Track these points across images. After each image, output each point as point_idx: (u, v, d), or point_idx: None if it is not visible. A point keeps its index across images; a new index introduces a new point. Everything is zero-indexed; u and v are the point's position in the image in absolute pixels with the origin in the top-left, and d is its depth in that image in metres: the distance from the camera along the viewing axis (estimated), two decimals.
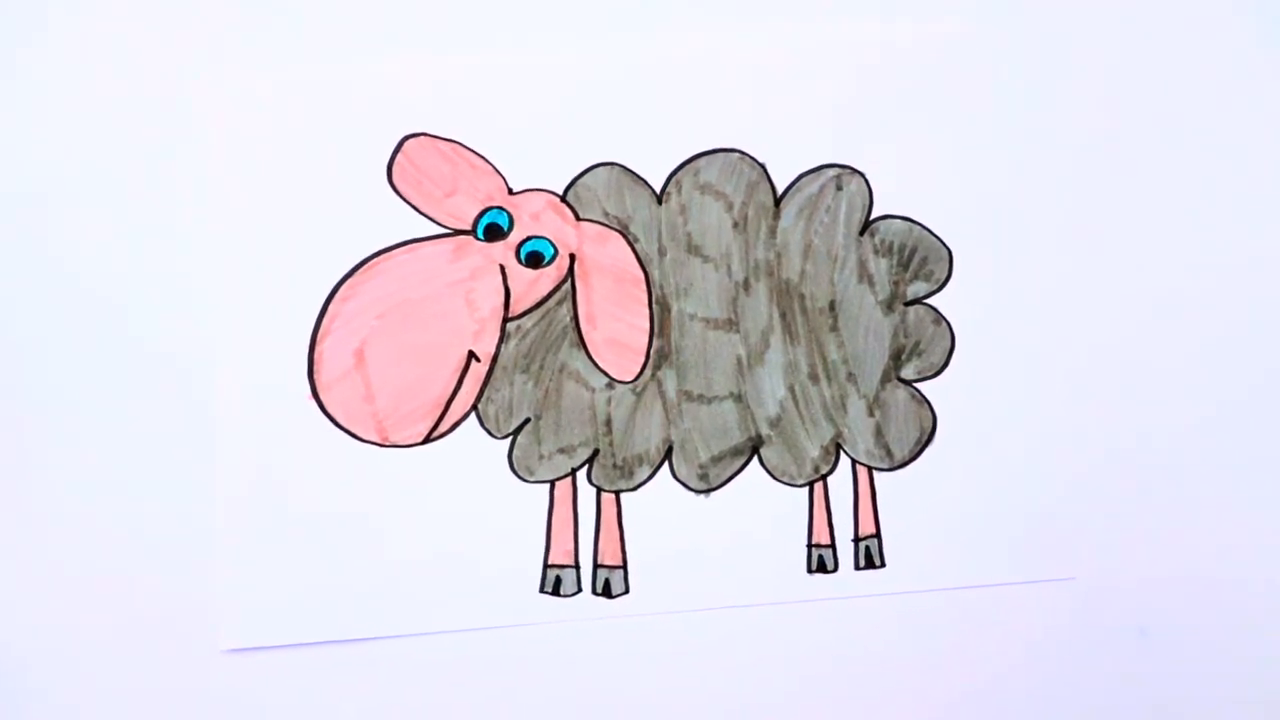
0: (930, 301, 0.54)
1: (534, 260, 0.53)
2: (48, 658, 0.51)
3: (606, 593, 0.53)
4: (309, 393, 0.52)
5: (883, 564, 0.54)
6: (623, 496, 0.53)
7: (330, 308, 0.52)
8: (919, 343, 0.54)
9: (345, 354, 0.52)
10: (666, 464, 0.53)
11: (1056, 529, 0.54)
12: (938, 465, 0.54)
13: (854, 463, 0.54)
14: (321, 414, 0.52)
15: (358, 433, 0.52)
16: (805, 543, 0.54)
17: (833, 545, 0.54)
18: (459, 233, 0.53)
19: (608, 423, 0.53)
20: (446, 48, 0.53)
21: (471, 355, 0.53)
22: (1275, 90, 0.56)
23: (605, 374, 0.53)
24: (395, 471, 0.52)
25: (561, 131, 0.53)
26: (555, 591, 0.53)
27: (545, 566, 0.53)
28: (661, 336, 0.53)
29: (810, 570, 0.54)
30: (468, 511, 0.52)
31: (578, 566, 0.53)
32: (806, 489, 0.54)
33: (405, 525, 0.52)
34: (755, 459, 0.54)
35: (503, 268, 0.53)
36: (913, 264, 0.54)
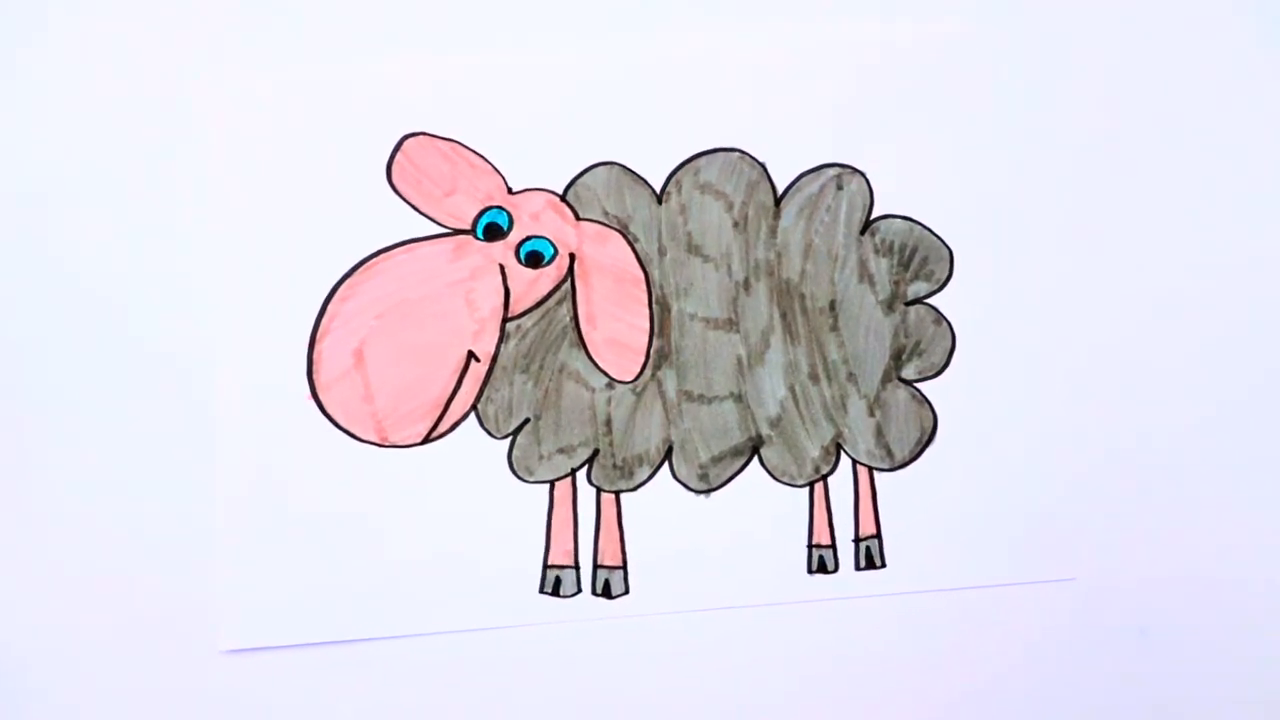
0: (931, 301, 0.54)
1: (534, 260, 0.53)
2: (47, 658, 0.51)
3: (606, 593, 0.53)
4: (308, 393, 0.52)
5: (883, 564, 0.54)
6: (623, 497, 0.53)
7: (329, 307, 0.52)
8: (919, 343, 0.54)
9: (344, 354, 0.52)
10: (666, 464, 0.53)
11: (1057, 529, 0.54)
12: (938, 465, 0.54)
13: (854, 463, 0.54)
14: (321, 414, 0.52)
15: (357, 433, 0.52)
16: (806, 543, 0.54)
17: (833, 545, 0.54)
18: (458, 232, 0.53)
19: (608, 423, 0.53)
20: (446, 47, 0.53)
21: (471, 355, 0.52)
22: (1275, 90, 0.56)
23: (605, 374, 0.53)
24: (394, 472, 0.52)
25: (561, 131, 0.53)
26: (555, 592, 0.53)
27: (545, 567, 0.53)
28: (661, 336, 0.53)
29: (811, 571, 0.54)
30: (467, 512, 0.52)
31: (577, 567, 0.53)
32: (807, 489, 0.54)
33: (404, 525, 0.52)
34: (755, 459, 0.54)
35: (502, 267, 0.53)
36: (913, 264, 0.54)
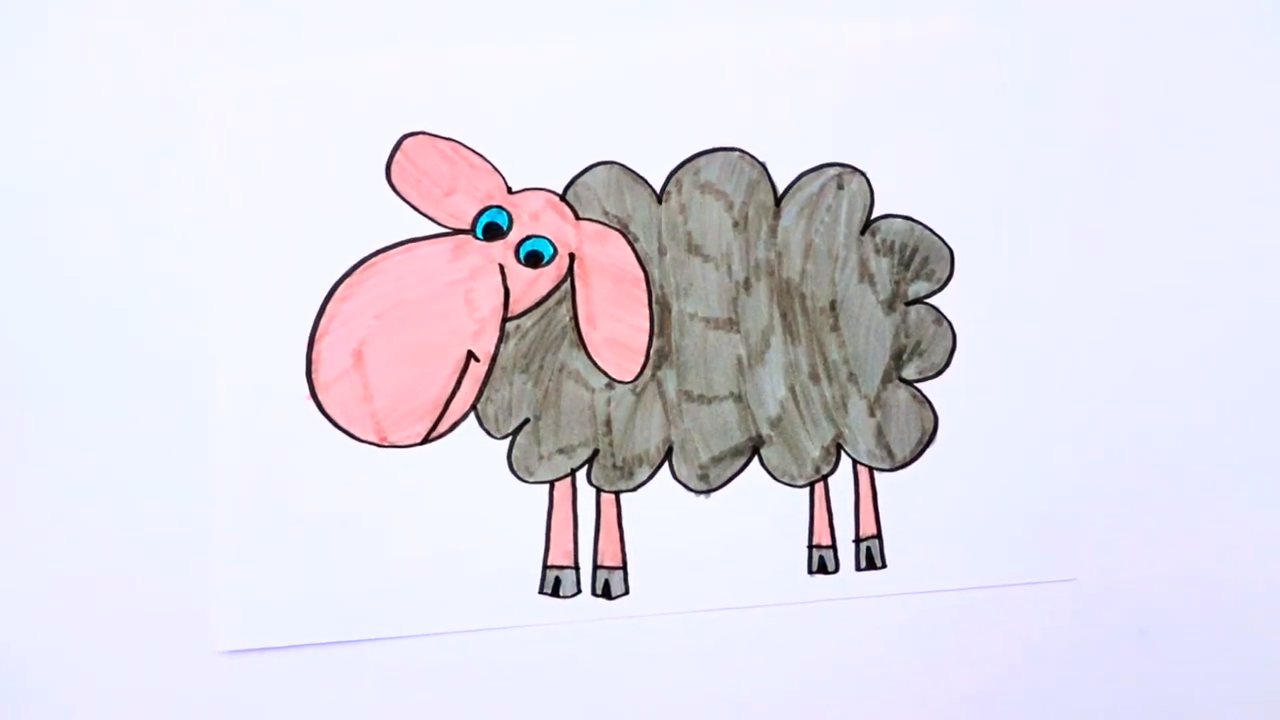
0: (931, 301, 0.54)
1: (533, 260, 0.53)
2: (45, 658, 0.51)
3: (606, 594, 0.53)
4: (307, 393, 0.52)
5: (884, 565, 0.54)
6: (622, 497, 0.53)
7: (329, 307, 0.52)
8: (920, 342, 0.54)
9: (344, 354, 0.52)
10: (666, 464, 0.53)
11: (1058, 530, 0.54)
12: (939, 466, 0.54)
13: (855, 463, 0.54)
14: (320, 414, 0.52)
15: (356, 433, 0.52)
16: (806, 543, 0.53)
17: (833, 546, 0.54)
18: (458, 232, 0.52)
19: (607, 423, 0.53)
20: (445, 46, 0.53)
21: (470, 355, 0.52)
22: (1275, 90, 0.56)
23: (605, 374, 0.53)
24: (394, 472, 0.52)
25: (561, 130, 0.53)
26: (555, 593, 0.52)
27: (545, 567, 0.53)
28: (661, 336, 0.53)
29: (811, 571, 0.53)
30: (466, 512, 0.52)
31: (577, 567, 0.53)
32: (807, 489, 0.54)
33: (404, 526, 0.52)
34: (756, 459, 0.54)
35: (502, 267, 0.52)
36: (914, 263, 0.54)
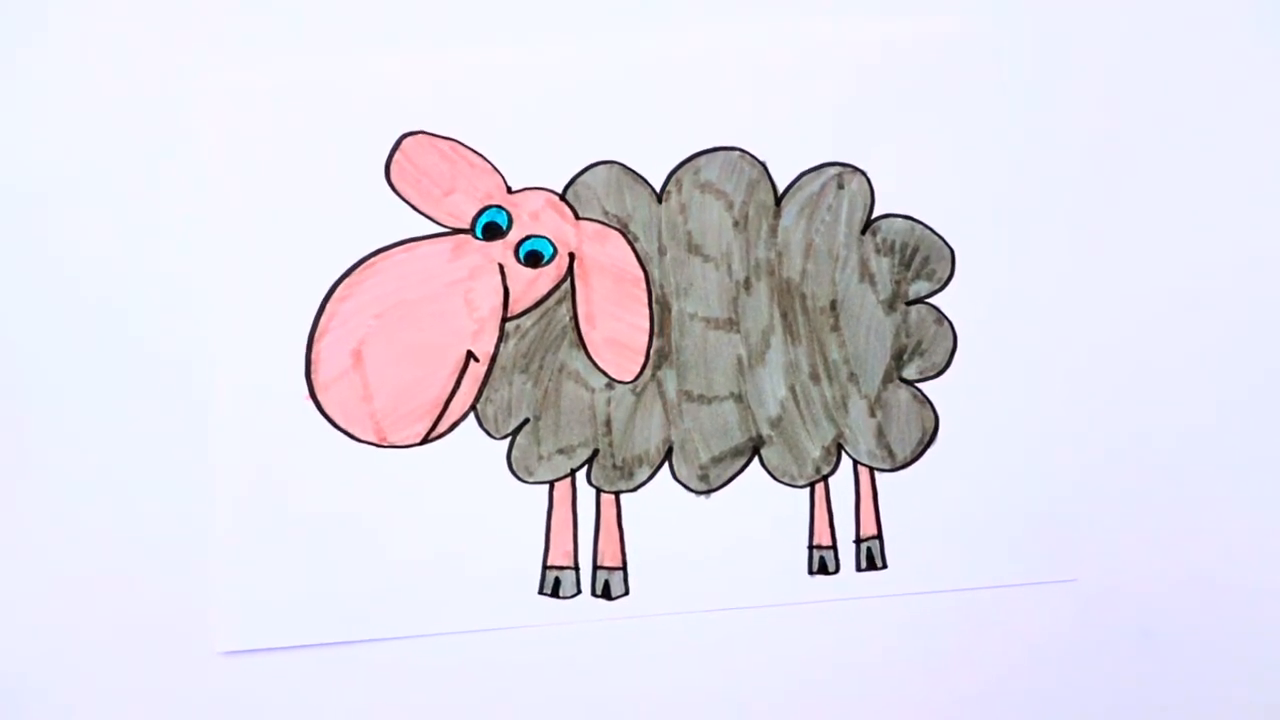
0: (932, 301, 0.54)
1: (533, 259, 0.53)
2: (45, 658, 0.51)
3: (606, 594, 0.53)
4: (306, 393, 0.52)
5: (884, 565, 0.54)
6: (622, 497, 0.53)
7: (328, 307, 0.52)
8: (921, 342, 0.54)
9: (343, 354, 0.52)
10: (666, 464, 0.53)
11: (1059, 530, 0.54)
12: (940, 466, 0.54)
13: (855, 463, 0.54)
14: (319, 414, 0.51)
15: (355, 433, 0.52)
16: (806, 544, 0.53)
17: (834, 546, 0.53)
18: (457, 231, 0.52)
19: (607, 423, 0.53)
20: (445, 45, 0.53)
21: (470, 355, 0.52)
22: (1275, 90, 0.56)
23: (605, 374, 0.53)
24: (393, 472, 0.52)
25: (561, 129, 0.53)
26: (554, 593, 0.52)
27: (544, 568, 0.52)
28: (661, 336, 0.53)
29: (811, 572, 0.53)
30: (466, 512, 0.52)
31: (577, 568, 0.53)
32: (807, 490, 0.54)
33: (403, 526, 0.52)
34: (756, 459, 0.53)
35: (501, 267, 0.52)
36: (914, 263, 0.54)
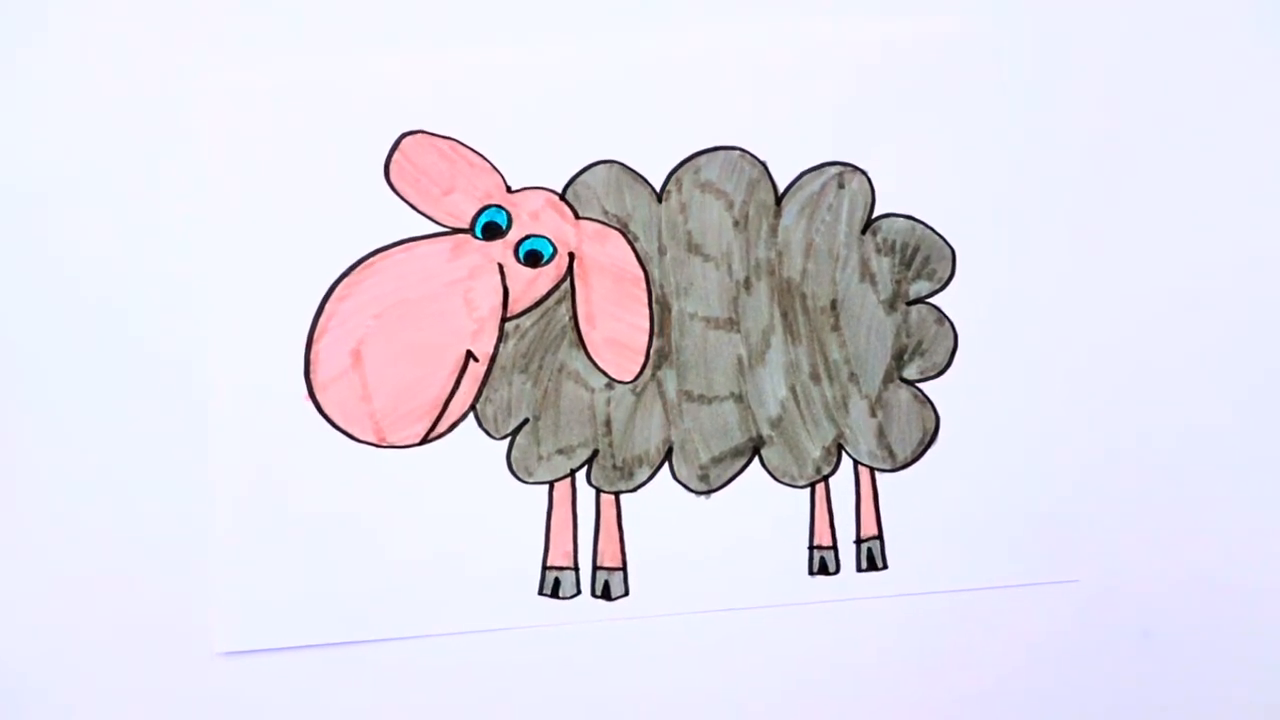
0: (933, 301, 0.54)
1: (533, 259, 0.52)
2: (44, 658, 0.51)
3: (606, 595, 0.53)
4: (305, 393, 0.51)
5: (885, 566, 0.54)
6: (622, 498, 0.53)
7: (327, 307, 0.52)
8: (921, 342, 0.54)
9: (342, 354, 0.52)
10: (666, 465, 0.53)
11: (1060, 531, 0.54)
12: (940, 466, 0.54)
13: (856, 463, 0.54)
14: (318, 414, 0.51)
15: (355, 433, 0.52)
16: (807, 544, 0.53)
17: (834, 547, 0.53)
18: (457, 231, 0.52)
19: (607, 423, 0.53)
20: (444, 44, 0.53)
21: (470, 355, 0.52)
22: (1275, 90, 0.56)
23: (605, 374, 0.53)
24: (392, 472, 0.52)
25: (560, 129, 0.53)
26: (554, 594, 0.52)
27: (544, 568, 0.52)
28: (661, 336, 0.53)
29: (812, 572, 0.53)
30: (466, 513, 0.52)
31: (577, 568, 0.53)
32: (808, 490, 0.54)
33: (403, 527, 0.52)
34: (756, 460, 0.53)
35: (501, 267, 0.52)
36: (915, 263, 0.54)
